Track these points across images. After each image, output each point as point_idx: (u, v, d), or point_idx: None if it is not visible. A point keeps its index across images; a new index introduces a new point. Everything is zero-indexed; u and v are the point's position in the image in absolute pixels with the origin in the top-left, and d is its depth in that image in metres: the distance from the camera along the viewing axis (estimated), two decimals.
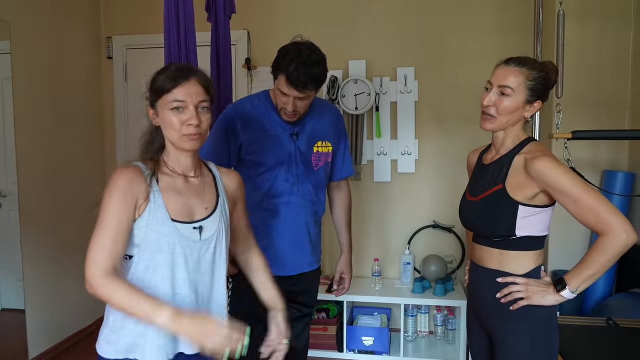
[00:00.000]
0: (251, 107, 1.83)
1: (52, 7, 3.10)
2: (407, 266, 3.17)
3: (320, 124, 1.90)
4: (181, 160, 1.31)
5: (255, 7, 3.31)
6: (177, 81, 1.24)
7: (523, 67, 1.42)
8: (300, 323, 1.99)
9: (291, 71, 1.62)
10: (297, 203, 1.84)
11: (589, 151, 2.81)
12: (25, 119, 2.88)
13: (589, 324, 2.29)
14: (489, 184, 1.48)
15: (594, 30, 2.80)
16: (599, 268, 1.34)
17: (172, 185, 1.28)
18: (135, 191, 1.21)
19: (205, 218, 1.30)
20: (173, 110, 1.24)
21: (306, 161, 1.85)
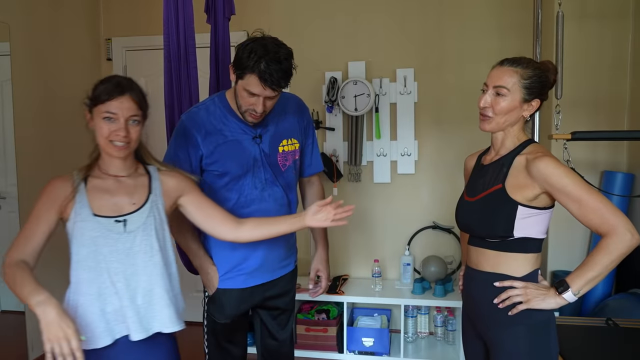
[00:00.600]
0: (207, 114, 1.70)
1: (52, 8, 3.10)
2: (407, 267, 3.17)
3: (283, 120, 1.78)
4: (112, 163, 1.44)
5: (254, 9, 3.31)
6: (112, 95, 1.37)
7: (517, 66, 1.42)
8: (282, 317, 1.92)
9: (263, 69, 1.50)
10: (269, 209, 1.73)
11: (588, 152, 2.82)
12: (25, 120, 2.88)
13: (588, 324, 2.29)
14: (488, 183, 1.47)
15: (592, 31, 2.81)
16: (602, 269, 1.32)
17: (100, 185, 1.43)
18: (58, 197, 1.38)
19: (131, 212, 1.42)
20: (104, 119, 1.38)
21: (272, 163, 1.74)
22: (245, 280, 1.77)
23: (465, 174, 1.68)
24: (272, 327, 1.91)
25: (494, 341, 1.46)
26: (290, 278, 1.90)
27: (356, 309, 3.30)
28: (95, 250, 1.37)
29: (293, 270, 1.92)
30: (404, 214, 3.31)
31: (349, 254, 3.40)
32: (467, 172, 1.66)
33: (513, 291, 1.41)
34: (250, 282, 1.78)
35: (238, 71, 1.57)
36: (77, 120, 3.38)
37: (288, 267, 1.87)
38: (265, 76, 1.51)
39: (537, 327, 1.41)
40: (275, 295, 1.85)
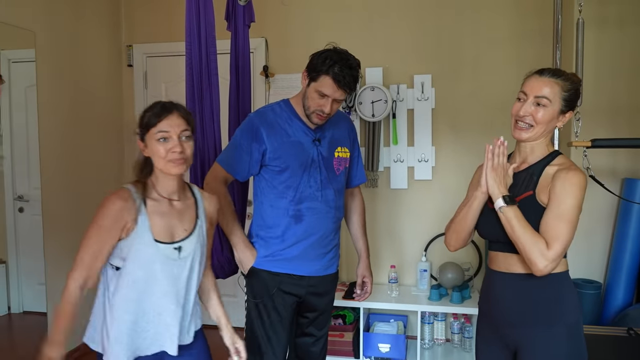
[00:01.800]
0: (273, 115, 1.88)
1: (75, 16, 3.17)
2: (424, 273, 3.16)
3: (337, 130, 1.97)
4: (168, 184, 1.48)
5: (272, 16, 3.35)
6: (161, 115, 1.42)
7: (558, 78, 1.44)
8: (321, 319, 2.04)
9: (337, 72, 1.70)
10: (321, 209, 1.88)
11: (609, 159, 2.79)
12: (49, 125, 2.95)
13: (609, 333, 2.27)
14: (519, 190, 1.48)
15: (612, 38, 2.78)
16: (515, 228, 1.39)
17: (157, 208, 1.45)
18: (123, 219, 1.39)
19: (183, 239, 1.48)
20: (159, 140, 1.41)
21: (328, 166, 1.91)
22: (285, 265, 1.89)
23: (474, 182, 1.68)
24: (310, 330, 2.03)
25: (526, 342, 1.45)
26: (332, 280, 2.03)
27: (372, 314, 3.30)
28: (152, 275, 1.43)
29: (335, 273, 2.04)
30: (420, 220, 3.31)
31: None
32: (476, 180, 1.66)
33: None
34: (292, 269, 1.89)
35: (313, 74, 1.76)
36: (99, 125, 3.46)
37: (330, 268, 1.99)
38: (339, 78, 1.71)
39: (572, 330, 1.43)
40: (318, 293, 1.97)
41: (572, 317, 1.44)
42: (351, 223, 2.17)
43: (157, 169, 1.46)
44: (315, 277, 1.94)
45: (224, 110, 2.33)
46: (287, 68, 3.36)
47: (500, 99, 2.99)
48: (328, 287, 2.03)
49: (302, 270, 1.91)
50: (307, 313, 2.01)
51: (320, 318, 2.04)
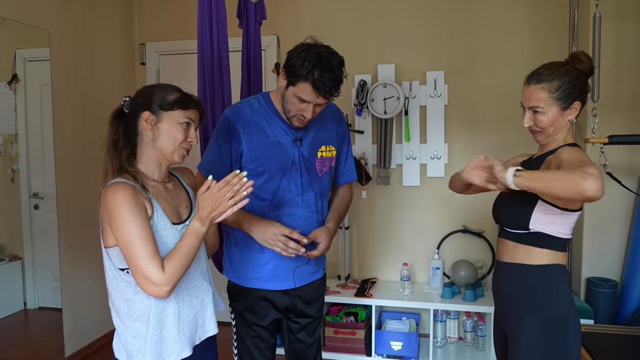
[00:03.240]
0: (251, 111, 1.71)
1: (89, 15, 3.20)
2: (436, 271, 3.14)
3: (323, 128, 1.79)
4: (162, 168, 1.42)
5: (284, 13, 3.34)
6: (190, 104, 1.40)
7: (542, 83, 1.44)
8: (312, 326, 1.92)
9: (317, 78, 1.52)
10: (301, 215, 1.74)
11: (626, 156, 2.74)
12: (63, 123, 2.98)
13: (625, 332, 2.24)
14: None
15: (630, 32, 2.73)
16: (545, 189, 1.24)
17: (158, 192, 1.40)
18: (141, 201, 1.31)
19: (189, 216, 1.46)
20: (183, 124, 1.38)
21: (310, 167, 1.75)
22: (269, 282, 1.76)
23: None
24: (301, 336, 1.91)
25: (511, 330, 1.53)
26: (318, 286, 1.89)
27: (384, 312, 3.29)
28: None
29: (322, 277, 1.91)
30: (433, 217, 3.28)
31: (377, 257, 3.39)
32: None
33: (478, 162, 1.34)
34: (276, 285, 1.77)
35: (291, 78, 1.57)
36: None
37: (317, 274, 1.86)
38: (319, 85, 1.53)
39: (552, 323, 1.44)
40: (305, 301, 1.84)
41: (557, 309, 1.45)
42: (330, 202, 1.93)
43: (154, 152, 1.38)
44: (300, 286, 1.80)
45: None
46: None
47: (514, 95, 2.92)
48: (316, 294, 1.88)
49: (286, 284, 1.77)
50: (297, 319, 1.88)
51: (311, 325, 1.90)
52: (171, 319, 1.36)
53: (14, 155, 2.87)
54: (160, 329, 1.35)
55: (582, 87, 1.46)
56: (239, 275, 1.79)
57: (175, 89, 1.42)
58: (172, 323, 1.36)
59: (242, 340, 1.82)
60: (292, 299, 1.81)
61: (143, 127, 1.38)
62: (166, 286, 1.26)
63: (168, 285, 1.27)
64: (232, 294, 1.83)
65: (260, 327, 1.79)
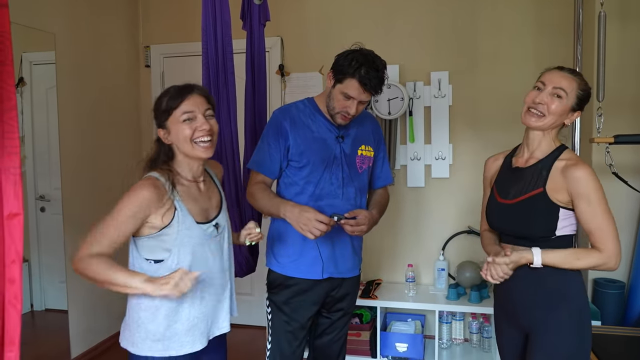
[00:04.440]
0: (297, 111, 1.89)
1: (94, 18, 3.21)
2: (442, 272, 3.13)
3: (362, 129, 1.95)
4: (193, 168, 1.47)
5: (288, 14, 3.35)
6: (182, 96, 1.40)
7: (576, 76, 1.52)
8: (341, 321, 2.03)
9: (363, 75, 1.69)
10: (341, 207, 1.85)
11: (632, 155, 2.72)
12: (69, 126, 2.99)
13: (632, 334, 2.22)
14: (527, 187, 1.53)
15: (635, 31, 2.72)
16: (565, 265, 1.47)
17: (188, 192, 1.45)
18: (151, 209, 1.35)
19: (217, 215, 1.51)
20: (184, 122, 1.39)
21: (351, 163, 1.89)
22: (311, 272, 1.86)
23: (487, 176, 1.76)
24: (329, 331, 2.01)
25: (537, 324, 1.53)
26: (354, 282, 2.02)
27: (389, 313, 3.28)
28: (200, 256, 1.44)
29: (357, 275, 2.03)
30: (438, 218, 3.28)
31: (382, 258, 3.39)
32: (489, 174, 1.74)
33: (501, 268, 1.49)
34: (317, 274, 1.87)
35: (339, 76, 1.74)
36: (117, 125, 3.51)
37: (353, 270, 1.98)
38: (365, 81, 1.70)
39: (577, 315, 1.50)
40: (340, 296, 1.95)
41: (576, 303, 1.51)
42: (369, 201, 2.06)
43: (181, 155, 1.44)
44: (338, 278, 1.92)
45: (240, 110, 2.34)
46: (302, 67, 3.36)
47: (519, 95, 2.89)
48: (351, 289, 2.00)
49: (324, 273, 1.88)
50: (329, 314, 2.00)
51: (341, 320, 2.02)
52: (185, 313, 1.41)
53: (21, 158, 2.89)
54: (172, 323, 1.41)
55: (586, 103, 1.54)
56: (283, 266, 1.89)
57: (167, 91, 1.46)
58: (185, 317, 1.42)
59: (276, 334, 1.91)
60: (329, 290, 1.91)
61: (167, 141, 1.45)
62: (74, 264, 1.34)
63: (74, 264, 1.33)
64: (272, 286, 1.93)
65: (296, 322, 1.88)
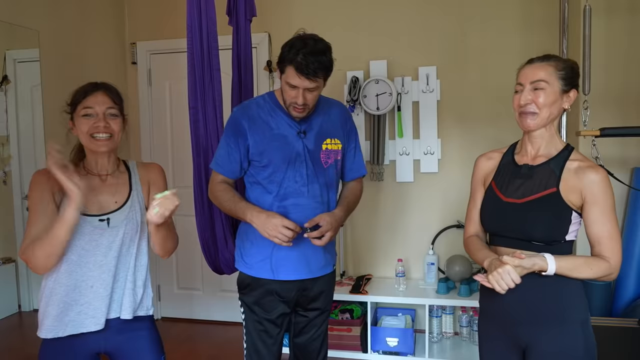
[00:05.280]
0: (256, 108, 1.82)
1: (78, 15, 3.17)
2: (431, 266, 3.15)
3: (328, 121, 1.86)
4: (97, 161, 1.54)
5: (275, 10, 3.33)
6: (86, 93, 1.50)
7: (549, 61, 1.45)
8: (318, 319, 1.96)
9: (299, 60, 1.61)
10: (307, 205, 1.79)
11: (618, 148, 2.75)
12: (54, 124, 2.94)
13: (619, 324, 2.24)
14: (539, 186, 1.44)
15: (621, 25, 2.73)
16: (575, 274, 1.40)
17: (87, 184, 1.48)
18: (51, 186, 1.44)
19: (113, 211, 1.53)
20: (84, 117, 1.48)
21: (315, 159, 1.81)
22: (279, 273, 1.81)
23: (479, 176, 1.62)
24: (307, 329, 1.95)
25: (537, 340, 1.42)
26: (328, 279, 1.94)
27: (380, 308, 3.29)
28: (79, 245, 1.47)
29: (331, 272, 1.96)
30: (427, 213, 3.29)
31: (372, 253, 3.39)
32: (481, 174, 1.61)
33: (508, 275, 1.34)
34: (286, 275, 1.81)
35: (280, 66, 1.70)
36: None
37: (325, 268, 1.90)
38: (302, 67, 1.62)
39: (584, 324, 1.44)
40: (314, 296, 1.89)
41: (583, 313, 1.44)
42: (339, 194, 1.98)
43: (85, 148, 1.52)
44: (311, 279, 1.85)
45: (227, 106, 2.32)
46: None
47: (507, 89, 2.90)
48: (325, 287, 1.92)
49: (293, 274, 1.81)
50: (305, 312, 1.93)
51: (317, 318, 1.95)
52: (57, 298, 1.47)
53: (6, 158, 2.85)
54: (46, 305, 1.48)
55: (578, 79, 1.48)
56: (250, 266, 1.84)
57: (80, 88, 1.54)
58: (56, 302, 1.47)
59: (249, 334, 1.86)
60: (301, 291, 1.85)
61: (73, 132, 1.53)
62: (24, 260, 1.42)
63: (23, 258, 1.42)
64: (241, 287, 1.88)
65: (268, 320, 1.83)
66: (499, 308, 1.48)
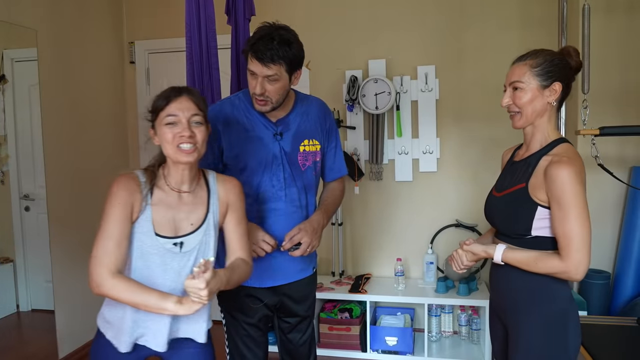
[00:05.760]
0: (231, 108, 1.72)
1: (77, 14, 3.16)
2: (430, 265, 3.15)
3: (305, 121, 1.78)
4: (177, 173, 1.41)
5: (274, 9, 3.32)
6: (169, 98, 1.36)
7: (525, 59, 1.48)
8: (302, 325, 1.92)
9: (257, 45, 1.55)
10: (285, 209, 1.73)
11: (617, 147, 2.75)
12: (52, 123, 2.95)
13: (617, 323, 2.25)
14: (514, 181, 1.50)
15: (620, 24, 2.74)
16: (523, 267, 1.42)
17: (164, 200, 1.40)
18: (132, 199, 1.36)
19: (188, 234, 1.42)
20: (167, 125, 1.35)
21: (292, 162, 1.74)
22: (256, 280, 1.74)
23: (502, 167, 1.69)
24: (292, 336, 1.91)
25: (512, 326, 1.51)
26: (308, 283, 1.87)
27: (379, 308, 3.29)
28: (149, 266, 1.38)
29: (311, 275, 1.88)
30: (426, 212, 3.28)
31: (371, 252, 3.39)
32: (503, 166, 1.68)
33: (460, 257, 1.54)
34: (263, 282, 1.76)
35: (244, 53, 1.63)
36: (102, 122, 3.46)
37: (305, 271, 1.84)
38: (258, 52, 1.55)
39: (552, 318, 1.43)
40: (294, 300, 1.83)
41: (553, 306, 1.43)
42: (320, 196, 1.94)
43: (168, 158, 1.40)
44: (288, 283, 1.79)
45: None
46: None
47: None
48: (305, 291, 1.87)
49: (272, 281, 1.76)
50: (287, 318, 1.88)
51: (302, 324, 1.90)
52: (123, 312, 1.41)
53: (4, 157, 2.84)
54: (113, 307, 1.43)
55: (564, 71, 1.45)
56: None
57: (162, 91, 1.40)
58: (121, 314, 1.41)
59: (232, 339, 1.82)
60: (280, 296, 1.80)
61: (155, 141, 1.41)
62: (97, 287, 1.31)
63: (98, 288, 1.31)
64: (220, 293, 1.79)
65: (250, 325, 1.78)
66: (493, 291, 1.62)
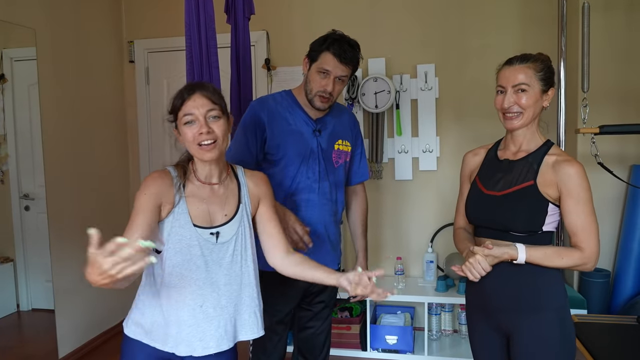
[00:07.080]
0: (274, 103, 1.87)
1: (75, 13, 3.16)
2: (430, 264, 3.15)
3: (339, 124, 1.94)
4: (205, 169, 1.43)
5: (273, 8, 3.32)
6: (183, 98, 1.37)
7: (528, 62, 1.49)
8: (323, 313, 2.00)
9: (337, 47, 1.72)
10: (317, 201, 1.85)
11: (617, 146, 2.75)
12: (52, 122, 2.94)
13: (618, 322, 2.25)
14: (517, 179, 1.50)
15: (620, 22, 2.74)
16: (547, 263, 1.43)
17: (196, 192, 1.42)
18: (162, 196, 1.36)
19: (223, 224, 1.43)
20: (186, 124, 1.37)
21: (327, 158, 1.88)
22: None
23: (466, 171, 1.70)
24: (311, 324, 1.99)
25: (517, 327, 1.48)
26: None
27: (379, 306, 3.29)
28: (190, 259, 1.37)
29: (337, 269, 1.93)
30: (426, 211, 3.29)
31: (371, 251, 3.35)
32: (468, 169, 1.70)
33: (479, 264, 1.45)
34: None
35: (313, 54, 1.77)
36: (102, 121, 3.46)
37: (332, 264, 1.93)
38: (339, 52, 1.72)
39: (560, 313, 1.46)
40: (319, 290, 1.93)
41: (558, 302, 1.47)
42: (351, 221, 2.12)
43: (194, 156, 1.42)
44: None
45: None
46: (289, 61, 3.33)
47: None
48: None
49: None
50: (310, 306, 1.97)
51: (322, 312, 2.00)
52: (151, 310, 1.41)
53: (3, 157, 2.84)
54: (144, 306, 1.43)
55: (553, 76, 1.52)
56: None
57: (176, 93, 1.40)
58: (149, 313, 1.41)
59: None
60: (308, 285, 1.86)
61: (180, 142, 1.42)
62: None
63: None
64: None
65: (274, 317, 1.86)
66: (483, 298, 1.56)
